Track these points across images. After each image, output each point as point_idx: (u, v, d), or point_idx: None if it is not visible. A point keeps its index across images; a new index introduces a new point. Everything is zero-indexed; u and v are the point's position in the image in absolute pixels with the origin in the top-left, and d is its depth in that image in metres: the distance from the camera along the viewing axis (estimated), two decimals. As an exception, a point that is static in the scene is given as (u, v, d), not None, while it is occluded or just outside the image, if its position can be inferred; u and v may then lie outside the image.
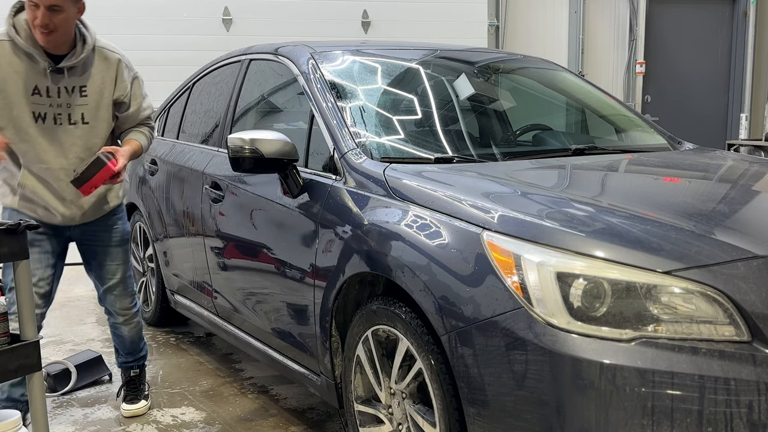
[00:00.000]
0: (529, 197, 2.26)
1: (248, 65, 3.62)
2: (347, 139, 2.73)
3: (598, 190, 2.51)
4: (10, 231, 1.97)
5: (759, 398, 1.70)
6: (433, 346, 2.11)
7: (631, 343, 1.76)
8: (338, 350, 2.64)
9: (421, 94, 3.18)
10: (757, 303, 1.79)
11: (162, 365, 3.88)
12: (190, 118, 4.17)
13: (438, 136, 2.96)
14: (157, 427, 3.14)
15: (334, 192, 2.64)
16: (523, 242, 1.95)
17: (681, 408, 1.71)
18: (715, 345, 1.75)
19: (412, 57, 3.39)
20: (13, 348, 1.99)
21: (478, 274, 1.98)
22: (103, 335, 4.41)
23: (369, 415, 2.51)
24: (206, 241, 3.52)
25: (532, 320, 1.84)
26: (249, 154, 2.69)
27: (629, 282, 1.82)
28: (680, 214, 2.09)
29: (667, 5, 7.82)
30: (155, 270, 4.32)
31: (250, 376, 3.71)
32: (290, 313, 2.86)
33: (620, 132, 3.49)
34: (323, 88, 2.97)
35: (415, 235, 2.21)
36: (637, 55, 7.63)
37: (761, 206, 2.38)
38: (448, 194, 2.27)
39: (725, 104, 8.19)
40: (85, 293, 5.34)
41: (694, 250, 1.88)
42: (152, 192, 4.19)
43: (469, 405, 2.00)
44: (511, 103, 3.60)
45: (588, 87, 3.76)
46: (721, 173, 2.79)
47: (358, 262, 2.41)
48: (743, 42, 7.99)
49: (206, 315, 3.72)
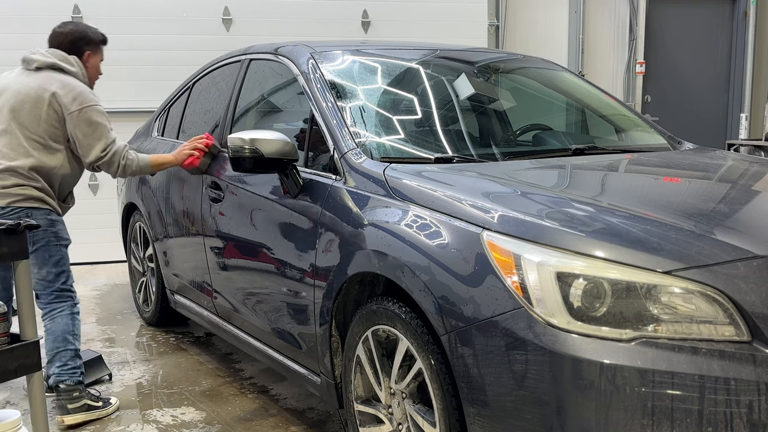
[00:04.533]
0: (529, 197, 2.26)
1: (248, 65, 3.62)
2: (347, 139, 2.73)
3: (598, 190, 2.51)
4: (10, 231, 1.97)
5: (759, 398, 1.70)
6: (433, 346, 2.11)
7: (631, 343, 1.76)
8: (338, 350, 2.64)
9: (421, 94, 3.18)
10: (757, 303, 1.79)
11: (162, 365, 3.88)
12: (190, 118, 4.17)
13: (438, 136, 2.96)
14: (157, 427, 3.14)
15: (334, 192, 2.64)
16: (523, 242, 1.95)
17: (681, 408, 1.71)
18: (715, 345, 1.75)
19: (412, 57, 3.39)
20: (13, 348, 2.00)
21: (478, 274, 1.98)
22: (103, 335, 4.41)
23: (369, 415, 2.51)
24: (206, 241, 3.52)
25: (532, 320, 1.84)
26: (249, 154, 2.70)
27: (629, 282, 1.82)
28: (680, 214, 2.09)
29: (667, 5, 7.82)
30: (155, 270, 4.32)
31: (250, 376, 3.71)
32: (290, 313, 2.86)
33: (620, 132, 3.49)
34: (323, 88, 2.97)
35: (415, 235, 2.21)
36: (637, 55, 7.62)
37: (761, 206, 2.38)
38: (448, 194, 2.27)
39: (725, 104, 8.18)
40: (84, 293, 5.34)
41: (694, 250, 1.88)
42: (152, 192, 4.19)
43: (469, 405, 1.99)
44: (511, 103, 3.60)
45: (588, 87, 3.76)
46: (721, 173, 2.79)
47: (358, 262, 2.41)
48: (743, 42, 7.98)
49: (206, 315, 3.73)
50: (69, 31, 3.38)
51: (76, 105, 3.19)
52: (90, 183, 6.32)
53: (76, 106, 3.19)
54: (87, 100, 3.23)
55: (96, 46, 3.44)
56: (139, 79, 6.25)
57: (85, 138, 3.22)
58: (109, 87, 6.16)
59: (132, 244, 4.70)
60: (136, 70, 6.24)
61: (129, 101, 6.19)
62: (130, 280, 4.86)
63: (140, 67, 6.26)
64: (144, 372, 3.79)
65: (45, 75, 3.24)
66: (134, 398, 3.46)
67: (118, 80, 6.19)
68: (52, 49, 3.33)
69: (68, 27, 3.41)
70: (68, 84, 3.23)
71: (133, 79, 6.23)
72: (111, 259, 6.27)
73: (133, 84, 6.23)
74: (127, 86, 6.21)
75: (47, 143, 3.20)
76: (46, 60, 3.26)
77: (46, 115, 3.18)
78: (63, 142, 3.24)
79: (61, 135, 3.23)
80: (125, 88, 6.20)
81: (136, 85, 6.24)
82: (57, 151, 3.23)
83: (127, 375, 3.75)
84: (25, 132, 3.18)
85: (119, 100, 6.13)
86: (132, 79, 6.23)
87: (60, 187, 3.29)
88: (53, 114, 3.19)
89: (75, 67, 3.32)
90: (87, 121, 3.21)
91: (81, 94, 3.23)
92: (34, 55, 3.28)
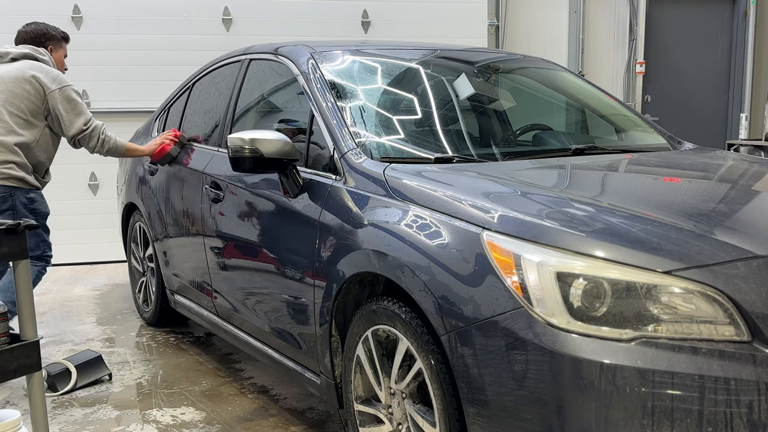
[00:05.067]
0: (529, 197, 2.26)
1: (248, 65, 3.62)
2: (347, 139, 2.73)
3: (598, 190, 2.51)
4: (10, 231, 1.97)
5: (759, 398, 1.70)
6: (433, 346, 2.11)
7: (631, 343, 1.76)
8: (338, 350, 2.64)
9: (421, 94, 3.18)
10: (757, 303, 1.78)
11: (162, 365, 3.88)
12: (190, 118, 4.17)
13: (438, 136, 2.96)
14: (157, 427, 3.14)
15: (334, 192, 2.64)
16: (523, 242, 1.95)
17: (681, 408, 1.71)
18: (715, 345, 1.75)
19: (412, 57, 3.39)
20: (13, 348, 2.00)
21: (478, 274, 1.98)
22: (103, 335, 4.41)
23: (369, 415, 2.51)
24: (206, 241, 3.52)
25: (532, 320, 1.84)
26: (249, 154, 2.70)
27: (629, 282, 1.82)
28: (680, 214, 2.09)
29: (667, 5, 7.82)
30: (155, 270, 4.32)
31: (250, 376, 3.71)
32: (290, 312, 2.86)
33: (620, 132, 3.48)
34: (323, 87, 2.97)
35: (415, 235, 2.21)
36: (637, 55, 7.62)
37: (761, 206, 2.38)
38: (448, 194, 2.27)
39: (725, 104, 8.18)
40: (84, 293, 5.35)
41: (694, 250, 1.88)
42: (152, 192, 4.19)
43: (469, 405, 1.99)
44: (511, 103, 3.60)
45: (588, 87, 3.76)
46: (721, 173, 2.79)
47: (358, 262, 2.41)
48: (743, 42, 7.98)
49: (206, 315, 3.72)
50: (31, 30, 3.91)
51: (56, 84, 3.68)
52: (90, 183, 6.32)
53: (56, 86, 3.68)
54: (64, 80, 3.73)
55: (57, 42, 3.94)
56: (139, 79, 6.24)
57: (67, 114, 3.70)
58: (109, 87, 6.21)
59: (132, 244, 4.70)
60: (136, 70, 6.24)
61: (129, 101, 6.19)
62: (130, 280, 4.86)
63: (140, 67, 6.26)
64: (144, 372, 3.79)
65: (21, 63, 3.73)
66: (134, 398, 3.45)
67: (118, 80, 6.20)
68: (21, 44, 3.85)
69: (31, 26, 3.93)
70: (44, 68, 3.73)
71: (133, 79, 6.23)
72: (111, 259, 6.27)
73: (133, 84, 6.23)
74: (128, 86, 6.22)
75: (28, 119, 3.65)
76: (20, 51, 3.77)
77: (27, 92, 3.63)
78: (42, 119, 3.70)
79: (41, 112, 3.68)
80: (125, 88, 6.20)
81: (137, 85, 6.24)
82: (35, 127, 3.68)
83: (127, 375, 3.75)
84: (8, 108, 3.61)
85: (119, 100, 6.14)
86: (132, 79, 6.23)
87: (39, 162, 3.72)
88: (34, 92, 3.64)
89: (46, 56, 3.82)
90: (67, 98, 3.69)
91: (58, 76, 3.73)
92: (6, 48, 3.80)
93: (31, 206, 3.67)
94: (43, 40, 3.88)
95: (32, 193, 3.69)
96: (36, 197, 3.72)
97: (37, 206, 3.71)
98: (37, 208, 3.72)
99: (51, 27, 3.97)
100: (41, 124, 3.69)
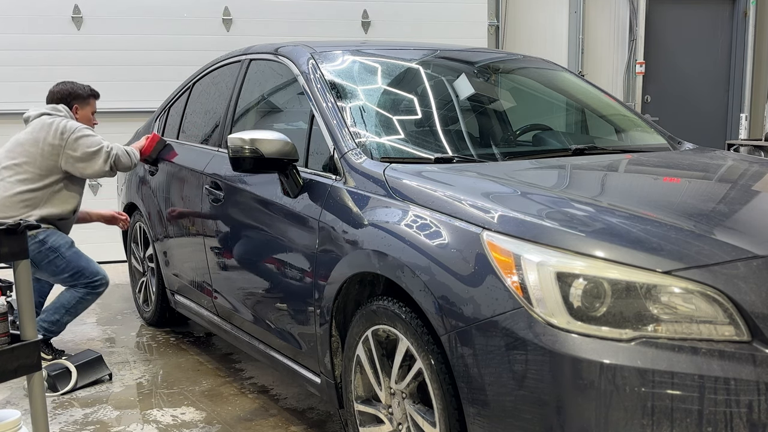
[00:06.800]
0: (529, 197, 2.26)
1: (248, 65, 3.62)
2: (347, 139, 2.73)
3: (598, 190, 2.51)
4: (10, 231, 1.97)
5: (759, 398, 1.70)
6: (433, 346, 2.11)
7: (631, 343, 1.76)
8: (338, 350, 2.64)
9: (421, 94, 3.18)
10: (757, 303, 1.79)
11: (162, 365, 3.89)
12: (190, 118, 4.17)
13: (438, 136, 2.96)
14: (157, 426, 3.14)
15: (334, 192, 2.64)
16: (523, 242, 1.95)
17: (681, 408, 1.71)
18: (715, 345, 1.75)
19: (412, 57, 3.39)
20: (13, 348, 2.00)
21: (478, 274, 1.98)
22: (103, 335, 4.41)
23: (369, 415, 2.51)
24: (206, 241, 3.52)
25: (532, 320, 1.84)
26: (249, 154, 2.70)
27: (629, 282, 1.82)
28: (680, 214, 2.09)
29: (667, 5, 7.82)
30: (155, 270, 4.32)
31: (250, 376, 3.71)
32: (290, 312, 2.86)
33: (620, 132, 3.49)
34: (323, 88, 2.97)
35: (415, 235, 2.21)
36: (637, 55, 7.62)
37: (761, 206, 2.38)
38: (448, 194, 2.27)
39: (725, 104, 8.18)
40: (85, 293, 5.34)
41: (694, 250, 1.88)
42: (152, 192, 4.19)
43: (469, 405, 2.00)
44: (511, 103, 3.60)
45: (588, 87, 3.76)
46: (721, 173, 2.79)
47: (358, 262, 2.41)
48: (743, 42, 7.98)
49: (206, 315, 3.73)
50: (58, 90, 3.97)
51: (67, 135, 3.70)
52: (90, 183, 6.32)
53: (67, 136, 3.70)
54: (70, 127, 3.74)
55: (84, 100, 4.00)
56: (139, 79, 6.24)
57: (84, 160, 3.73)
58: (109, 87, 6.18)
59: (132, 244, 4.70)
60: (136, 70, 6.24)
61: (129, 101, 6.18)
62: (130, 280, 4.86)
63: (140, 67, 6.26)
64: (144, 372, 3.79)
65: (36, 121, 3.78)
66: (134, 398, 3.46)
67: (118, 80, 6.19)
68: (49, 104, 3.91)
69: (59, 86, 3.99)
70: (53, 123, 3.74)
71: (133, 79, 6.23)
72: (111, 259, 6.26)
73: (133, 84, 6.23)
74: (127, 86, 6.21)
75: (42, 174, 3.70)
76: (36, 112, 3.83)
77: (42, 150, 3.69)
78: (59, 172, 3.74)
79: (56, 166, 3.71)
80: (125, 88, 6.19)
81: (137, 85, 6.24)
82: (52, 182, 3.73)
83: (128, 375, 3.75)
84: (27, 167, 3.68)
85: (119, 100, 6.13)
86: (132, 79, 6.23)
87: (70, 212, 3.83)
88: (48, 148, 3.69)
89: (62, 112, 3.86)
90: (82, 144, 3.72)
91: (65, 126, 3.73)
92: (27, 113, 3.88)
93: (46, 246, 3.66)
94: (69, 100, 3.95)
95: (41, 234, 3.66)
96: (47, 235, 3.69)
97: (52, 243, 3.69)
98: (53, 244, 3.69)
99: (78, 86, 4.01)
100: (58, 176, 3.75)
